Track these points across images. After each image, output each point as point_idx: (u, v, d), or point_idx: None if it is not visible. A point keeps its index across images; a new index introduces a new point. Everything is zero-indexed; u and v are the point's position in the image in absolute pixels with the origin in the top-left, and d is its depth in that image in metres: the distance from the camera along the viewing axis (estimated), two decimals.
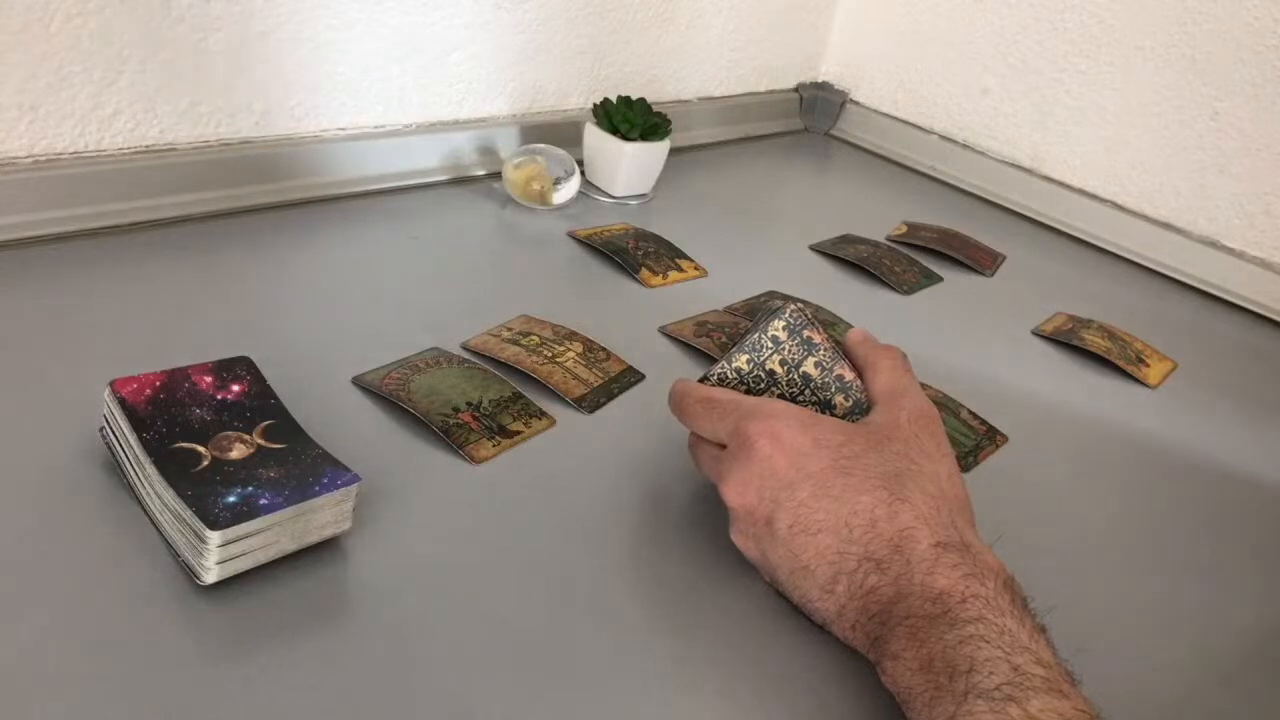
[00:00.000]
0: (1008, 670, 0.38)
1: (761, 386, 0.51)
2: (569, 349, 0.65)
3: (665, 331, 0.71)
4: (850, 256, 0.89)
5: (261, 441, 0.47)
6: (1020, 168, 1.12)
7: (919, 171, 1.19)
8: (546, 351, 0.64)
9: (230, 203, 0.74)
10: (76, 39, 0.65)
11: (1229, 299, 0.98)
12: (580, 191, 0.88)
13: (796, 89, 1.26)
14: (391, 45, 0.82)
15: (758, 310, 0.74)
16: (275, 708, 0.38)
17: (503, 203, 0.87)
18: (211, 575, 0.41)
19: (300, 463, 0.46)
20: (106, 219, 0.68)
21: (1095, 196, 1.07)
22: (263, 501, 0.42)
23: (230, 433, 0.47)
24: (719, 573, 0.49)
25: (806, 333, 0.51)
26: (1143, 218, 1.03)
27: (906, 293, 0.86)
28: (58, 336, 0.57)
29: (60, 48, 0.65)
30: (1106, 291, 0.96)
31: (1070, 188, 1.08)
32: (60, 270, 0.63)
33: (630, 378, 0.64)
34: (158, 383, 0.47)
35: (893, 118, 1.22)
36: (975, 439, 0.65)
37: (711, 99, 1.15)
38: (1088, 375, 0.78)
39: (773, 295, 0.79)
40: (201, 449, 0.45)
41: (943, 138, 1.18)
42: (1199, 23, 0.96)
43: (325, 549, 0.45)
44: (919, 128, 1.20)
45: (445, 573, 0.46)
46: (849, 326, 0.75)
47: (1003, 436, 0.66)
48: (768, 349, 0.51)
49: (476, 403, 0.57)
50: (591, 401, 0.61)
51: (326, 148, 0.80)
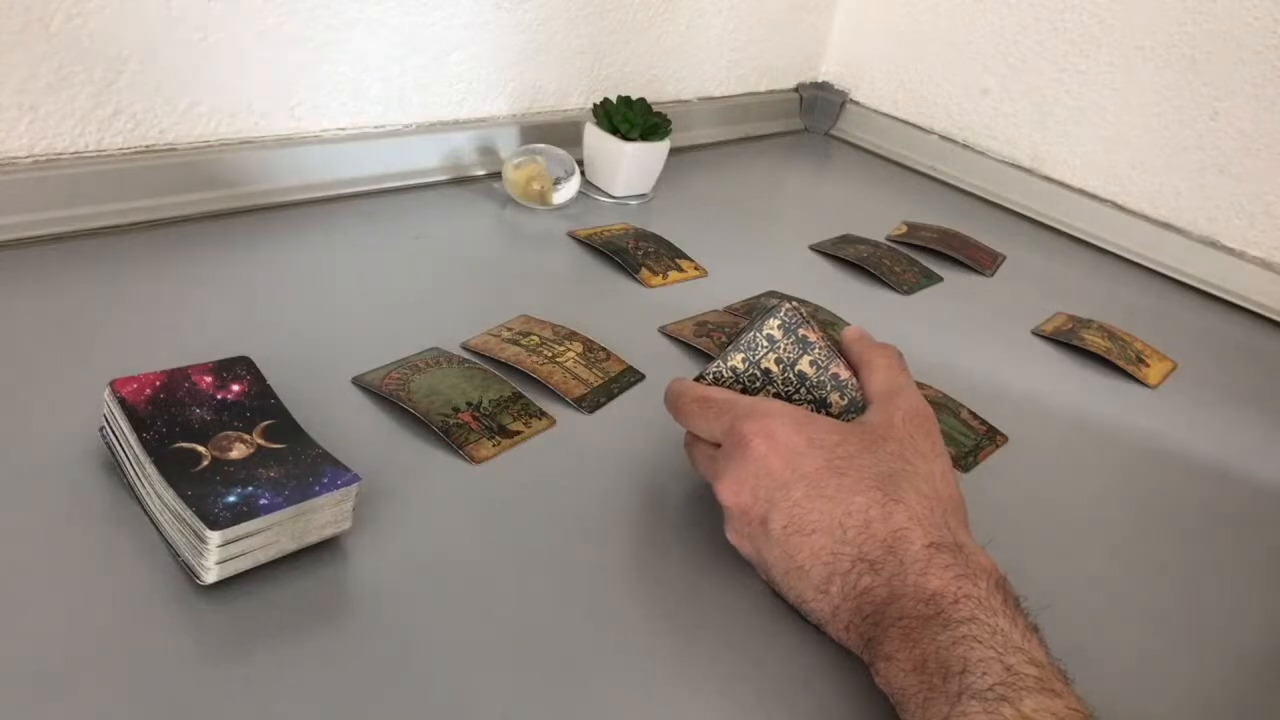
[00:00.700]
0: (1000, 670, 0.38)
1: (757, 385, 0.51)
2: (569, 349, 0.65)
3: (665, 331, 0.71)
4: (850, 256, 0.89)
5: (261, 441, 0.47)
6: (1020, 168, 1.12)
7: (919, 171, 1.19)
8: (546, 351, 0.64)
9: (231, 203, 0.74)
10: (76, 39, 0.65)
11: (1229, 299, 0.98)
12: (580, 191, 0.88)
13: (796, 89, 1.26)
14: (391, 45, 0.82)
15: (757, 310, 0.74)
16: (275, 708, 0.38)
17: (503, 203, 0.87)
18: (211, 575, 0.41)
19: (300, 462, 0.46)
20: (106, 219, 0.68)
21: (1095, 196, 1.07)
22: (263, 501, 0.42)
23: (230, 433, 0.47)
24: (719, 572, 0.49)
25: (801, 331, 0.51)
26: (1143, 218, 1.03)
27: (906, 293, 0.86)
28: (58, 336, 0.57)
29: (60, 48, 0.65)
30: (1106, 291, 0.96)
31: (1070, 188, 1.08)
32: (60, 270, 0.63)
33: (630, 378, 0.64)
34: (158, 383, 0.47)
35: (893, 118, 1.22)
36: (975, 439, 0.65)
37: (711, 99, 1.15)
38: (1088, 375, 0.78)
39: (772, 295, 0.79)
40: (201, 449, 0.45)
41: (943, 138, 1.18)
42: (1199, 23, 0.96)
43: (325, 549, 0.46)
44: (919, 128, 1.20)
45: (445, 572, 0.46)
46: (848, 326, 0.75)
47: (1003, 436, 0.66)
48: (763, 348, 0.51)
49: (476, 403, 0.57)
50: (591, 401, 0.61)
51: (326, 148, 0.80)
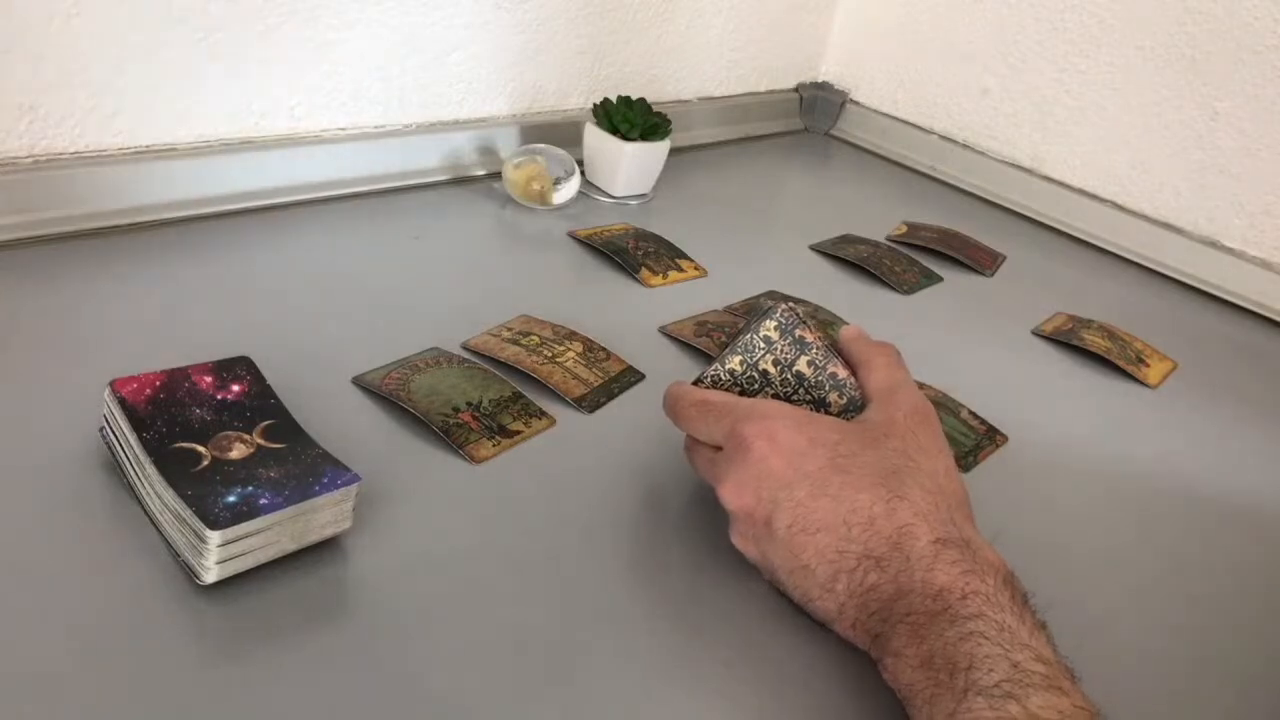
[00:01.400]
0: (1007, 667, 0.38)
1: (755, 387, 0.51)
2: (569, 349, 0.65)
3: (665, 331, 0.71)
4: (850, 256, 0.89)
5: (261, 441, 0.47)
6: (1020, 168, 1.12)
7: (919, 171, 1.19)
8: (546, 351, 0.64)
9: (231, 203, 0.74)
10: (76, 39, 0.65)
11: (1229, 299, 0.98)
12: (580, 191, 0.88)
13: (796, 89, 1.26)
14: (391, 45, 0.82)
15: (754, 312, 0.74)
16: (275, 708, 0.38)
17: (503, 203, 0.87)
18: (211, 575, 0.41)
19: (300, 462, 0.46)
20: (107, 219, 0.68)
21: (1095, 196, 1.07)
22: (263, 501, 0.42)
23: (230, 432, 0.47)
24: (719, 572, 0.49)
25: (798, 332, 0.51)
26: (1143, 218, 1.03)
27: (906, 293, 0.86)
28: (58, 336, 0.57)
29: (60, 48, 0.65)
30: (1106, 291, 0.96)
31: (1070, 188, 1.08)
32: (60, 270, 0.63)
33: (630, 377, 0.64)
34: (158, 383, 0.47)
35: (893, 118, 1.22)
36: (975, 439, 0.65)
37: (711, 99, 1.15)
38: (1088, 375, 0.78)
39: (772, 295, 0.79)
40: (201, 449, 0.45)
41: (943, 138, 1.18)
42: (1199, 23, 0.96)
43: (325, 549, 0.45)
44: (919, 128, 1.20)
45: (445, 572, 0.46)
46: (846, 326, 0.75)
47: (1003, 436, 0.66)
48: (760, 349, 0.50)
49: (476, 402, 0.57)
50: (591, 401, 0.61)
51: (326, 148, 0.80)
